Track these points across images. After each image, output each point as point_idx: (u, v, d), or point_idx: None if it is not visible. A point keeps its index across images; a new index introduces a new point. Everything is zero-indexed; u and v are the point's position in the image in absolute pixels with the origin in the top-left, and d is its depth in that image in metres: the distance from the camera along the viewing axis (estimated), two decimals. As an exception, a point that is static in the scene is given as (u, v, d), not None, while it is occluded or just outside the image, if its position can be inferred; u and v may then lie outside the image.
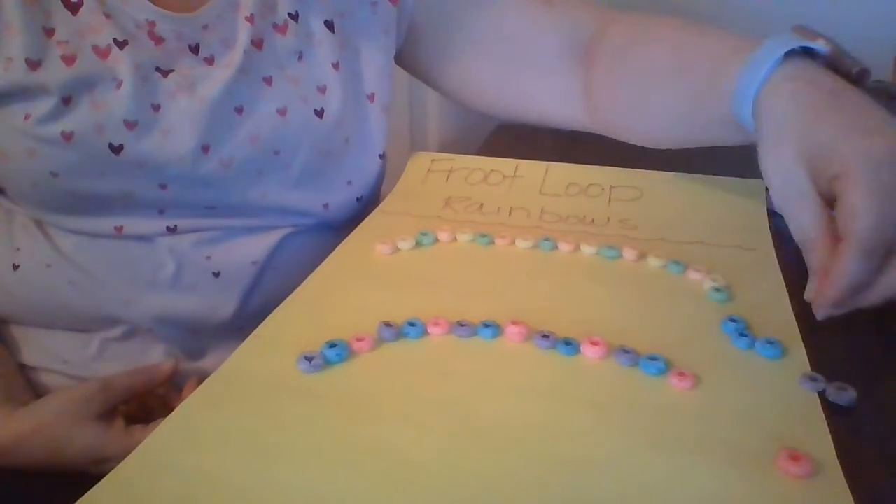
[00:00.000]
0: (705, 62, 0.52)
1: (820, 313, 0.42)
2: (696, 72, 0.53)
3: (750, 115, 0.47)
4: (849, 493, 0.34)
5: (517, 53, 0.67)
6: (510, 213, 0.63)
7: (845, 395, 0.40)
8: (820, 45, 0.44)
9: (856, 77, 0.45)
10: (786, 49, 0.44)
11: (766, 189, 0.50)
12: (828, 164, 0.40)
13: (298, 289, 0.51)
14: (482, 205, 0.64)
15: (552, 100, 0.68)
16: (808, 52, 0.46)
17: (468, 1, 0.66)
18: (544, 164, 0.69)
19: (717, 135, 0.55)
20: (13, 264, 0.58)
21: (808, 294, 0.43)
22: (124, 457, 0.36)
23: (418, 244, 0.57)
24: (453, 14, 0.67)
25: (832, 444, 0.37)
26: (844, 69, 0.45)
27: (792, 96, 0.43)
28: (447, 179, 0.69)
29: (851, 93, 0.42)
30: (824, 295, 0.41)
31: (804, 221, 0.41)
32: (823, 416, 0.39)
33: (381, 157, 0.64)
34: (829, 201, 0.42)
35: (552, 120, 0.70)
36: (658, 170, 0.67)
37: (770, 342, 0.44)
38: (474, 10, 0.66)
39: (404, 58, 0.70)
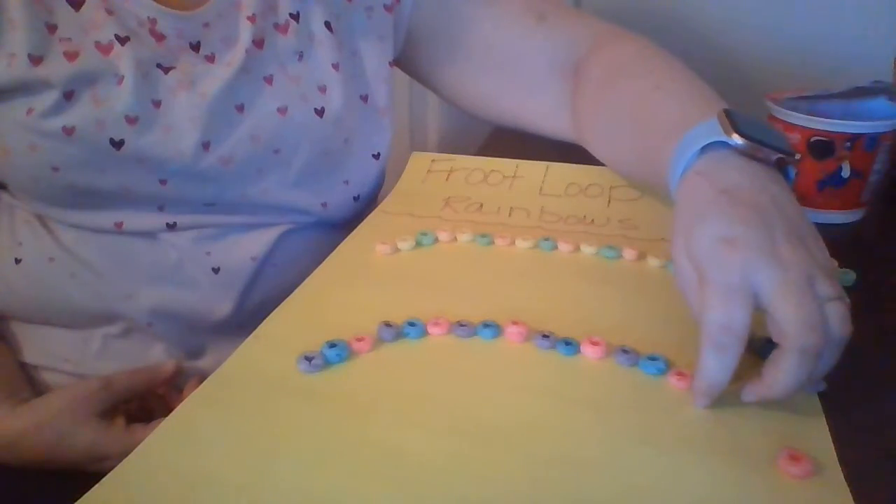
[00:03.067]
0: (661, 124, 0.52)
1: (702, 402, 0.40)
2: (651, 132, 0.54)
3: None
4: (849, 493, 0.34)
5: (510, 67, 0.68)
6: (510, 213, 0.63)
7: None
8: (733, 140, 0.44)
9: (778, 164, 0.45)
10: (702, 143, 0.45)
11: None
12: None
13: (298, 289, 0.51)
14: (482, 205, 0.64)
15: (542, 113, 0.70)
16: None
17: (463, 14, 0.67)
18: (544, 164, 0.69)
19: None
20: (15, 258, 0.58)
21: (698, 397, 0.40)
22: (124, 456, 0.36)
23: (418, 244, 0.57)
24: (449, 26, 0.68)
25: (832, 444, 0.37)
26: (764, 159, 0.45)
27: (691, 192, 0.43)
28: (447, 179, 0.69)
29: (749, 191, 0.42)
30: (755, 395, 0.39)
31: (694, 307, 0.41)
32: (823, 416, 0.39)
33: (378, 157, 0.64)
34: None
35: (542, 131, 0.71)
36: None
37: (769, 342, 0.43)
38: (469, 24, 0.67)
39: (403, 62, 0.71)
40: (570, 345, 0.44)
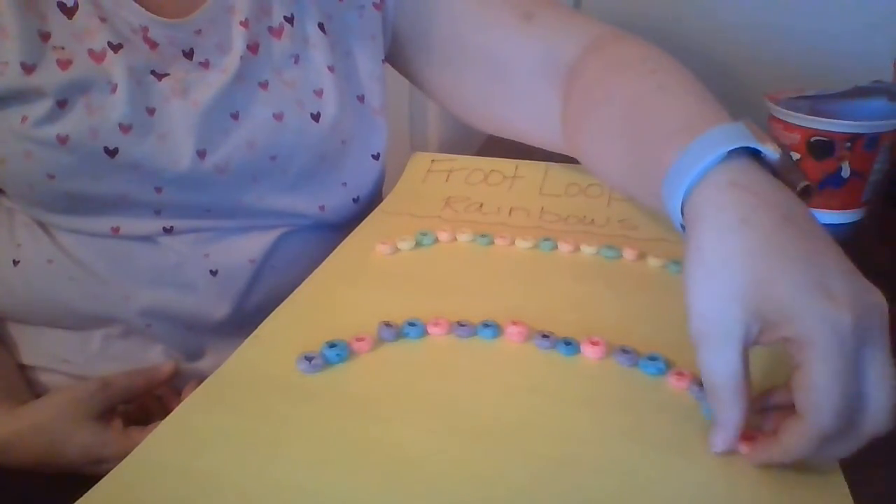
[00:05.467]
0: (655, 130, 0.46)
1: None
2: (644, 136, 0.47)
3: (678, 206, 0.39)
4: (849, 493, 0.34)
5: (494, 68, 0.64)
6: (510, 213, 0.63)
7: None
8: (770, 150, 0.37)
9: (800, 194, 0.37)
10: (732, 146, 0.37)
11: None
12: (780, 321, 0.33)
13: (298, 289, 0.51)
14: (482, 205, 0.64)
15: (528, 119, 0.65)
16: (752, 154, 0.39)
17: (442, 13, 0.64)
18: (544, 164, 0.69)
19: (660, 207, 0.45)
20: (14, 260, 0.58)
21: (715, 447, 0.36)
22: (122, 458, 0.36)
23: (418, 244, 0.57)
24: (431, 26, 0.65)
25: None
26: (790, 182, 0.37)
27: (737, 213, 0.35)
28: (447, 179, 0.69)
29: (806, 221, 0.35)
30: (757, 459, 0.35)
31: (721, 367, 0.34)
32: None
33: (377, 158, 0.64)
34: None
35: (529, 139, 0.67)
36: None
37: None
38: (450, 23, 0.64)
39: (393, 62, 0.69)
40: (570, 345, 0.44)
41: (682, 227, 0.40)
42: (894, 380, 0.33)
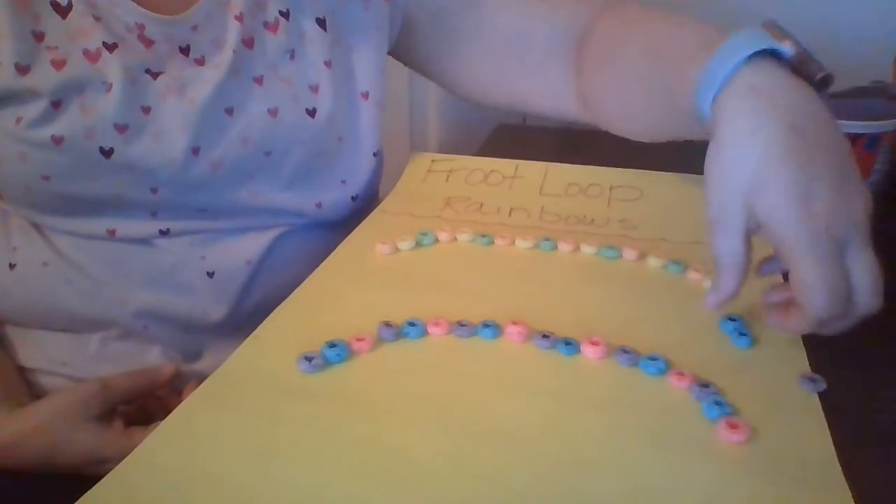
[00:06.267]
0: (675, 54, 0.51)
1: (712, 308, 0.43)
2: (665, 64, 0.52)
3: (708, 111, 0.45)
4: (849, 493, 0.34)
5: (510, 46, 0.67)
6: (510, 214, 0.63)
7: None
8: (786, 48, 0.42)
9: (818, 83, 0.43)
10: (751, 50, 0.42)
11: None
12: (767, 223, 0.39)
13: (298, 289, 0.51)
14: (482, 205, 0.64)
15: (545, 93, 0.68)
16: (773, 53, 0.44)
17: None
18: (544, 164, 0.69)
19: (693, 130, 0.52)
20: (10, 263, 0.58)
21: (708, 305, 0.43)
22: (122, 458, 0.36)
23: (418, 244, 0.57)
24: (447, 9, 0.66)
25: (832, 444, 0.37)
26: (808, 74, 0.42)
27: (750, 114, 0.41)
28: (447, 180, 0.69)
29: (812, 126, 0.40)
30: (774, 325, 0.43)
31: (726, 247, 0.41)
32: (823, 416, 0.39)
33: (376, 155, 0.64)
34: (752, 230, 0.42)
35: (546, 112, 0.70)
36: (658, 170, 0.67)
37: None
38: (467, 4, 0.66)
39: (400, 51, 0.69)
40: (570, 345, 0.44)
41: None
42: (877, 267, 0.39)
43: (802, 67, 0.42)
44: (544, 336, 0.44)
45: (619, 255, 0.56)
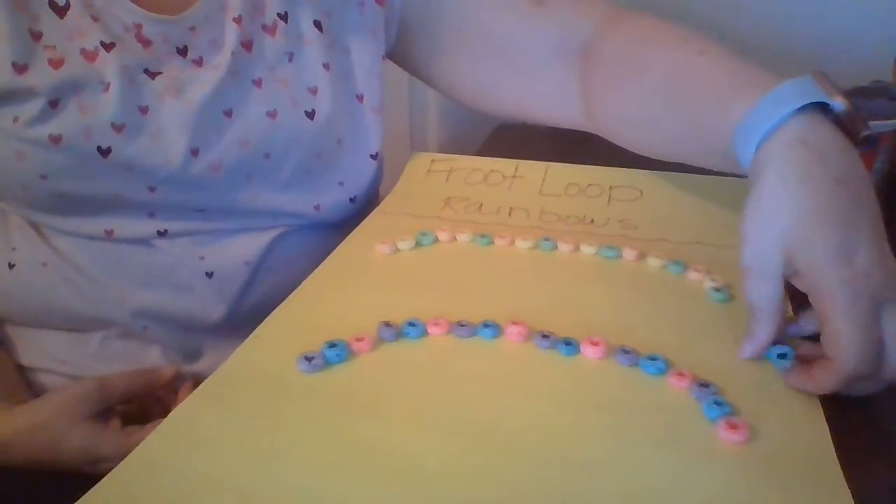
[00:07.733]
0: (706, 91, 0.51)
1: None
2: (695, 101, 0.52)
3: (749, 156, 0.45)
4: (849, 492, 0.34)
5: (509, 54, 0.66)
6: (510, 213, 0.63)
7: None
8: (838, 103, 0.42)
9: (860, 142, 0.43)
10: (802, 102, 0.42)
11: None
12: (806, 274, 0.40)
13: (298, 289, 0.51)
14: (482, 205, 0.64)
15: (545, 101, 0.67)
16: (820, 105, 0.44)
17: (456, 1, 0.65)
18: (544, 164, 0.69)
19: (714, 162, 0.54)
20: (9, 263, 0.58)
21: (745, 353, 0.43)
22: (120, 457, 0.36)
23: (418, 244, 0.57)
24: (443, 13, 0.66)
25: (832, 444, 0.37)
26: (853, 131, 0.43)
27: (797, 171, 0.41)
28: (447, 179, 0.69)
29: (855, 184, 0.41)
30: (793, 385, 0.41)
31: (762, 294, 0.42)
32: (823, 416, 0.39)
33: (375, 157, 0.64)
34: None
35: (544, 119, 0.69)
36: (658, 170, 0.67)
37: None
38: (463, 10, 0.65)
39: (397, 56, 0.69)
40: (570, 345, 0.44)
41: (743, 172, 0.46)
42: None
43: (849, 123, 0.43)
44: (544, 336, 0.44)
45: (619, 255, 0.56)
